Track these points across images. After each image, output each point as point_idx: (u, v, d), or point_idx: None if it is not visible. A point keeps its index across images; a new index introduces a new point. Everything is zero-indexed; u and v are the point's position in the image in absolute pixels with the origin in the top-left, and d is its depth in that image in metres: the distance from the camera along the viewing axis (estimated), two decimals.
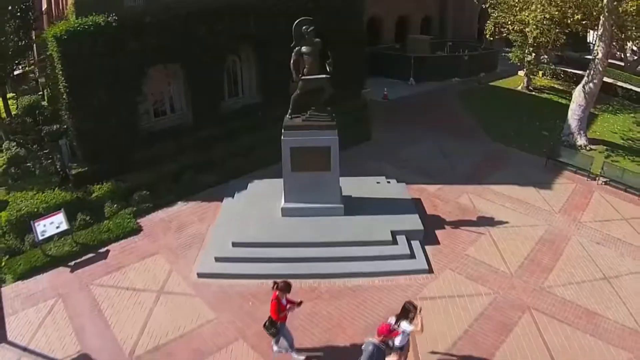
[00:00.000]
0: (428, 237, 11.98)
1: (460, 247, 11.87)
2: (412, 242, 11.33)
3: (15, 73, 22.31)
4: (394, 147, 18.29)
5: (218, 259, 10.69)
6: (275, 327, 7.95)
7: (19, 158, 16.77)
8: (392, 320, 7.42)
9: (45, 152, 17.32)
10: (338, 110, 12.29)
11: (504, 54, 29.37)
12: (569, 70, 28.99)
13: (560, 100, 24.50)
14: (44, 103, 23.04)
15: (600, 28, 17.81)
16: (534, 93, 27.15)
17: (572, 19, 18.13)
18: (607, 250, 12.15)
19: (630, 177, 15.52)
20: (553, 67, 29.14)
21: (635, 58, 28.08)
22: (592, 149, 18.89)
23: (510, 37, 24.65)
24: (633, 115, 24.38)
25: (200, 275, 10.56)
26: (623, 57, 28.54)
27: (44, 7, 22.71)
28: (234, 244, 10.84)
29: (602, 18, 17.44)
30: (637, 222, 13.62)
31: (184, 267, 11.09)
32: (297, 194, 11.66)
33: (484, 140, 19.52)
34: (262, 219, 11.78)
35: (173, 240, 12.16)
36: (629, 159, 18.23)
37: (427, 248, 11.62)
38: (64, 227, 11.96)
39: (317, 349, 8.69)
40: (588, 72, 18.93)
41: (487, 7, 24.08)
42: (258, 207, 12.36)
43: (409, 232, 11.51)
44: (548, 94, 27.14)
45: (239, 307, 9.78)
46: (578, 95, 19.21)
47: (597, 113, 24.02)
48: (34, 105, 22.07)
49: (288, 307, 7.95)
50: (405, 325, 7.30)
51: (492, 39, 24.49)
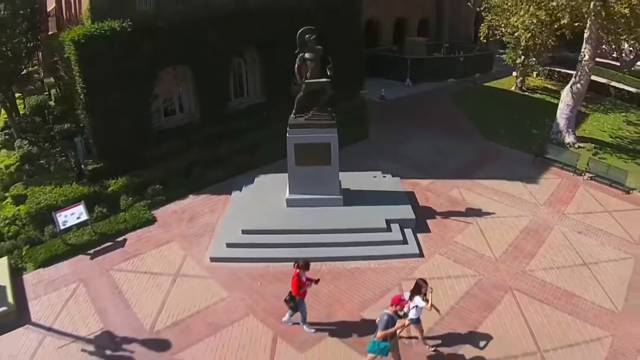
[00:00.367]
0: (420, 225, 12.86)
1: (449, 234, 12.76)
2: (404, 229, 12.27)
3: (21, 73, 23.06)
4: (391, 144, 19.03)
5: (229, 245, 11.69)
6: (294, 301, 8.93)
7: (32, 155, 17.39)
8: (406, 295, 8.36)
9: (58, 149, 17.98)
10: (337, 110, 13.12)
11: (498, 56, 29.93)
12: (562, 71, 29.66)
13: (552, 100, 25.11)
14: (51, 103, 23.86)
15: (587, 31, 18.65)
16: (527, 93, 27.80)
17: (559, 24, 19.16)
18: (588, 240, 12.89)
19: (615, 172, 16.24)
20: (541, 68, 29.68)
21: (632, 57, 28.69)
22: (580, 147, 19.58)
23: (504, 39, 25.26)
24: (624, 115, 24.99)
25: (213, 260, 11.52)
26: (618, 57, 29.00)
27: (48, 8, 23.56)
28: (244, 231, 11.85)
29: (589, 21, 18.34)
30: (619, 214, 14.33)
31: (198, 252, 11.98)
32: (300, 186, 12.60)
33: (477, 139, 20.20)
34: (268, 209, 12.72)
35: (186, 230, 13.00)
36: (616, 156, 18.91)
37: (418, 235, 12.51)
38: (84, 217, 12.67)
39: (320, 323, 9.63)
40: (575, 73, 19.80)
41: (481, 10, 24.61)
42: (264, 198, 13.29)
43: (402, 220, 12.45)
44: (541, 94, 27.80)
45: (249, 286, 10.74)
46: (566, 95, 20.07)
47: (588, 112, 24.66)
48: (42, 105, 22.71)
49: (307, 283, 8.91)
50: (418, 300, 8.25)
51: (486, 42, 25.21)
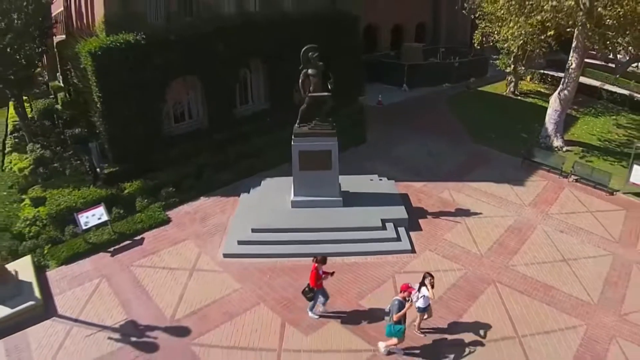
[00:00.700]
0: (412, 224, 14.23)
1: (439, 232, 14.13)
2: (398, 228, 13.67)
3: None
4: (387, 147, 20.38)
5: (240, 242, 13.09)
6: (313, 292, 10.38)
7: (45, 159, 18.36)
8: (415, 286, 9.78)
9: (70, 153, 19.06)
10: (337, 115, 14.42)
11: (492, 62, 31.12)
12: (556, 75, 30.75)
13: (544, 104, 25.55)
14: (58, 107, 25.03)
15: (575, 41, 20.04)
16: (520, 97, 28.99)
17: (545, 35, 20.60)
18: (569, 238, 14.07)
19: (599, 174, 17.38)
20: (534, 71, 30.91)
21: (626, 60, 29.86)
22: (567, 150, 20.77)
23: (497, 45, 26.41)
24: (614, 118, 26.05)
25: (226, 256, 12.90)
26: (614, 59, 30.22)
27: (53, 12, 24.65)
28: (253, 230, 13.28)
29: (576, 31, 19.75)
30: (601, 214, 15.52)
31: (211, 249, 13.31)
32: (304, 189, 14.01)
33: (468, 142, 21.50)
34: (275, 210, 14.14)
35: (199, 229, 14.32)
36: (603, 159, 20.05)
37: (411, 233, 13.86)
38: (105, 218, 13.81)
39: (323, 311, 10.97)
40: (563, 80, 21.12)
41: (475, 17, 25.96)
42: (271, 200, 14.71)
43: (396, 220, 13.84)
44: (533, 98, 28.99)
45: (258, 279, 12.08)
46: (554, 101, 21.39)
47: (578, 116, 25.86)
48: (49, 109, 23.83)
49: (323, 276, 10.35)
50: (425, 291, 9.70)
51: (480, 48, 26.36)
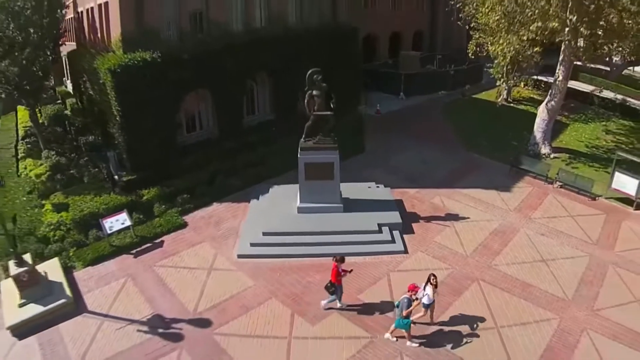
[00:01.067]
0: (406, 228, 15.94)
1: (430, 235, 15.85)
2: (393, 231, 15.44)
3: None
4: (384, 155, 22.07)
5: (252, 244, 14.90)
6: (334, 287, 12.09)
7: (61, 166, 19.68)
8: (421, 285, 11.52)
9: (85, 160, 20.44)
10: (337, 124, 15.72)
11: (486, 69, 32.51)
12: (549, 81, 31.94)
13: (535, 112, 26.54)
14: (67, 112, 26.48)
15: (561, 55, 21.74)
16: (512, 105, 30.44)
17: (533, 51, 22.43)
18: (549, 240, 15.58)
19: (582, 181, 18.90)
20: (527, 77, 32.24)
21: (621, 64, 30.90)
22: (555, 157, 22.25)
23: (491, 54, 27.94)
24: (604, 124, 27.28)
25: (240, 256, 14.67)
26: (609, 62, 31.23)
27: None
28: (264, 233, 15.11)
29: (562, 45, 21.46)
30: (581, 218, 17.04)
31: (226, 251, 15.03)
32: (309, 196, 15.79)
33: (461, 150, 23.15)
34: (283, 215, 15.94)
35: (214, 232, 16.04)
36: (589, 165, 21.42)
37: (404, 236, 15.58)
38: (128, 223, 15.34)
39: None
40: (550, 91, 22.83)
41: (470, 27, 27.45)
42: (279, 206, 16.50)
43: (391, 224, 15.64)
44: (525, 105, 30.37)
45: (270, 276, 13.81)
46: (542, 111, 23.03)
47: (568, 122, 27.15)
48: (60, 115, 25.24)
49: (342, 273, 11.99)
50: (429, 290, 11.45)
51: (475, 57, 27.87)
